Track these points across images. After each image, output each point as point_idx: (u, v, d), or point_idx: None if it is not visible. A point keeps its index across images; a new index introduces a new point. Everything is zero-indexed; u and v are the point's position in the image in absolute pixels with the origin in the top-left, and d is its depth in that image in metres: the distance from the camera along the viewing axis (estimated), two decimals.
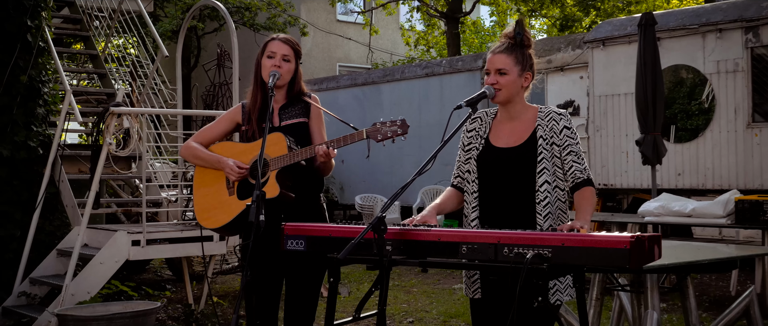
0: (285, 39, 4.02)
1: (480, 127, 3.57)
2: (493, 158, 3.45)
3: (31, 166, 7.49)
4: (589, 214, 3.29)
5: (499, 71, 3.43)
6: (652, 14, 8.79)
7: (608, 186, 11.31)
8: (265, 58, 3.98)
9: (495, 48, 3.49)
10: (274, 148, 3.82)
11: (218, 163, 3.95)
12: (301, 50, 4.08)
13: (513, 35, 3.47)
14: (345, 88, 16.97)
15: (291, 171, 3.82)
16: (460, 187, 3.59)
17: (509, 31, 3.51)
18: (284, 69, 3.96)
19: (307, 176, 3.90)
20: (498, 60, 3.43)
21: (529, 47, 3.50)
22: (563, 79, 12.22)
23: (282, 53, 3.96)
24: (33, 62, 7.49)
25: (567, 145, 3.41)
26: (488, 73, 3.46)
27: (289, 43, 4.01)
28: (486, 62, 3.51)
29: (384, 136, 3.62)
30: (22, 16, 7.41)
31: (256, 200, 3.30)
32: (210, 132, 4.14)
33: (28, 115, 7.49)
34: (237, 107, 4.14)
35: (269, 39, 4.04)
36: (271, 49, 3.98)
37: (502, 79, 3.42)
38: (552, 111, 3.48)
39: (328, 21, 23.98)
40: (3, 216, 7.32)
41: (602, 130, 11.30)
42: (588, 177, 3.40)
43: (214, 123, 4.18)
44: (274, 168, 3.79)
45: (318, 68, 23.43)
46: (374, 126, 3.65)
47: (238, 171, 3.87)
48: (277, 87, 3.99)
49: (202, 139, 4.10)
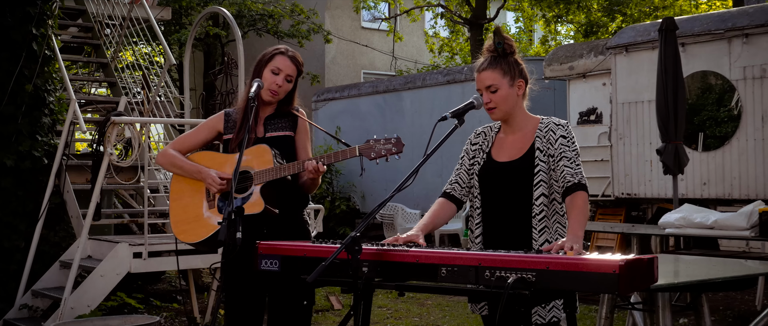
0: (293, 56, 3.84)
1: (483, 141, 3.43)
2: (493, 173, 3.32)
3: (36, 176, 7.39)
4: (579, 229, 3.08)
5: (489, 88, 3.26)
6: (672, 19, 8.51)
7: (632, 196, 11.00)
8: (268, 71, 3.79)
9: (479, 65, 3.33)
10: (259, 160, 3.64)
11: (198, 173, 3.76)
12: (302, 69, 3.91)
13: (493, 47, 3.28)
14: (366, 96, 16.81)
15: (276, 186, 3.63)
16: (452, 196, 3.40)
17: (489, 44, 3.33)
18: (285, 88, 3.81)
19: (292, 191, 3.71)
20: (485, 77, 3.26)
21: (513, 53, 3.31)
22: (585, 85, 11.93)
23: (287, 73, 3.80)
24: (38, 71, 7.39)
25: (561, 153, 3.22)
26: (480, 93, 3.28)
27: (296, 61, 3.84)
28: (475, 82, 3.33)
29: (377, 154, 3.43)
30: (28, 25, 7.32)
31: (227, 217, 3.11)
32: (189, 139, 3.94)
33: (34, 124, 7.39)
34: (219, 115, 3.95)
35: (277, 52, 3.84)
36: (277, 65, 3.79)
37: (495, 97, 3.26)
38: (551, 122, 3.32)
39: (352, 28, 23.85)
40: (7, 227, 7.22)
41: (625, 138, 11.00)
42: (580, 181, 3.19)
43: (194, 130, 3.99)
44: (259, 182, 3.60)
45: (342, 75, 23.30)
46: (368, 143, 3.47)
47: (220, 183, 3.69)
48: (267, 103, 3.83)
49: (180, 147, 3.92)
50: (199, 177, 3.74)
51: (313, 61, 22.75)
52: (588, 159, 11.64)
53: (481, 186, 3.33)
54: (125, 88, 9.32)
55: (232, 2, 20.55)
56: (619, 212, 11.47)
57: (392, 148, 3.42)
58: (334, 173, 16.98)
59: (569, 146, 3.24)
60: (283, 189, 3.67)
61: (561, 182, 3.19)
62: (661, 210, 10.51)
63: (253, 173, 3.62)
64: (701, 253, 8.26)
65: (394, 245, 2.93)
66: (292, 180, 3.66)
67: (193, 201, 3.77)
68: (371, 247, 2.87)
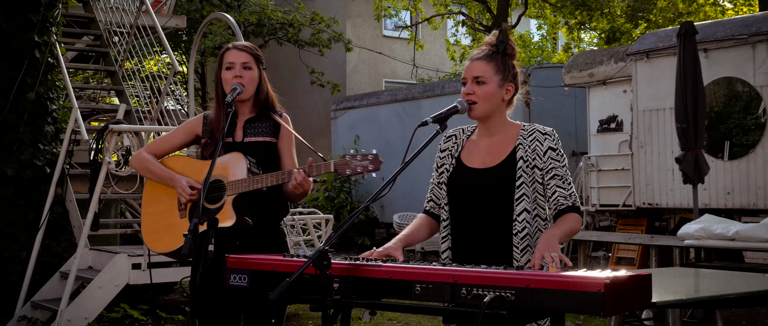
0: (242, 46, 3.64)
1: (453, 145, 3.15)
2: (465, 181, 3.03)
3: (38, 186, 7.28)
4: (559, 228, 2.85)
5: (476, 79, 3.00)
6: (691, 24, 8.24)
7: (653, 206, 10.71)
8: (224, 71, 3.61)
9: (474, 55, 3.08)
10: (233, 169, 3.44)
11: (171, 180, 3.57)
12: (261, 55, 3.70)
13: (495, 43, 3.05)
14: (385, 104, 16.64)
15: (250, 197, 3.44)
16: (432, 213, 3.18)
17: (491, 38, 3.09)
18: (246, 78, 3.58)
19: (268, 201, 3.51)
20: (476, 67, 3.02)
21: (513, 57, 3.08)
22: (605, 93, 11.66)
23: (241, 62, 3.58)
24: (41, 79, 7.28)
25: (551, 168, 2.97)
26: (464, 83, 3.05)
27: (246, 49, 3.63)
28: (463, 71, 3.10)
29: (353, 170, 3.21)
30: (30, 32, 7.22)
31: (193, 229, 2.92)
32: (165, 143, 3.75)
33: (36, 132, 7.28)
34: (198, 118, 3.76)
35: (224, 49, 3.67)
36: (228, 60, 3.60)
37: (480, 90, 2.99)
38: (536, 129, 3.04)
39: (373, 37, 23.71)
40: (7, 237, 7.11)
41: (646, 146, 10.72)
42: (574, 204, 2.95)
43: (170, 133, 3.80)
44: (231, 193, 3.40)
45: (363, 84, 23.16)
46: (344, 159, 3.24)
47: (190, 193, 3.49)
48: (240, 100, 3.63)
49: (155, 150, 3.73)
50: (171, 184, 3.56)
51: (334, 70, 22.63)
52: (608, 168, 11.39)
53: (449, 196, 3.05)
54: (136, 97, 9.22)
55: (253, 11, 20.50)
56: (641, 222, 11.17)
57: (368, 165, 3.21)
58: (353, 182, 16.81)
59: (559, 160, 2.99)
60: (259, 200, 3.46)
61: (553, 205, 2.95)
62: (684, 220, 10.20)
63: (226, 183, 3.43)
64: (724, 266, 7.95)
65: (366, 260, 2.72)
66: (268, 190, 3.45)
67: (166, 208, 3.59)
68: (342, 262, 2.66)
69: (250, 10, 20.54)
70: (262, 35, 21.73)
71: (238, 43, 3.68)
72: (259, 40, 22.29)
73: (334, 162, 3.27)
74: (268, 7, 20.37)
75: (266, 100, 3.68)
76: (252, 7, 20.60)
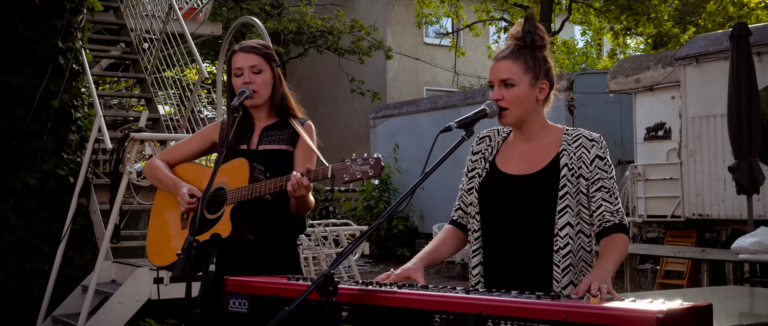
0: (249, 47, 3.31)
1: (487, 148, 2.80)
2: (500, 187, 2.68)
3: (61, 196, 7.06)
4: (610, 262, 2.47)
5: (504, 83, 2.65)
6: (745, 25, 7.79)
7: (704, 217, 10.21)
8: (233, 78, 3.30)
9: (498, 53, 2.71)
10: (235, 176, 3.12)
11: (174, 188, 3.29)
12: (273, 53, 3.36)
13: (521, 35, 2.69)
14: (425, 112, 16.31)
15: (253, 208, 3.11)
16: (461, 224, 2.84)
17: (516, 30, 2.72)
18: (258, 82, 3.27)
19: (277, 213, 3.19)
20: (502, 68, 2.66)
21: (544, 48, 2.71)
22: (653, 99, 11.19)
23: (250, 65, 3.27)
24: (65, 86, 7.08)
25: (597, 179, 2.61)
26: (491, 86, 2.70)
27: (254, 50, 3.31)
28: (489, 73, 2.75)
29: (352, 176, 2.85)
30: (54, 38, 7.01)
31: (187, 247, 2.61)
32: (180, 150, 3.47)
33: (60, 141, 7.07)
34: (216, 124, 3.47)
35: (230, 53, 3.35)
36: (235, 66, 3.29)
37: (510, 94, 2.64)
38: (582, 135, 2.68)
39: (414, 44, 23.40)
40: (30, 249, 6.89)
41: (696, 154, 10.23)
42: (620, 221, 2.59)
43: (186, 140, 3.51)
44: (231, 202, 3.09)
45: (404, 92, 22.85)
46: (343, 163, 2.89)
47: (189, 201, 3.19)
48: (254, 106, 3.32)
49: (169, 158, 3.45)
50: (175, 192, 3.27)
51: (374, 78, 22.38)
52: (656, 177, 10.93)
53: (481, 204, 2.70)
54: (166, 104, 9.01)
55: (292, 19, 20.34)
56: (691, 234, 10.69)
57: (368, 171, 2.83)
58: (393, 192, 16.50)
59: (607, 171, 2.63)
60: (266, 212, 3.14)
61: (598, 220, 2.60)
62: (737, 232, 9.72)
63: (228, 192, 3.12)
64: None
65: (380, 284, 2.39)
66: (277, 203, 3.12)
67: (169, 219, 3.30)
68: (351, 287, 2.33)
69: (289, 18, 20.40)
70: (301, 43, 21.57)
71: (245, 43, 3.35)
72: (298, 48, 22.15)
73: (332, 166, 2.93)
74: (307, 15, 20.18)
75: (282, 103, 3.36)
76: (291, 15, 20.46)
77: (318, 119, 24.55)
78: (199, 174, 3.31)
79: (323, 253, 7.98)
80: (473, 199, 2.74)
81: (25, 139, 6.92)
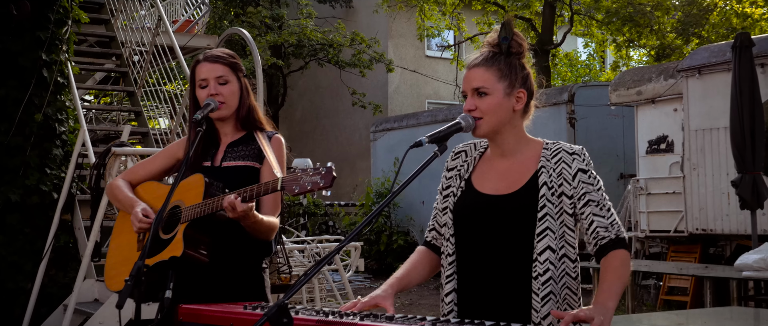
0: (214, 57, 3.11)
1: (462, 165, 2.60)
2: (475, 208, 2.48)
3: (45, 212, 6.88)
4: (611, 298, 2.26)
5: (477, 91, 2.46)
6: (748, 35, 7.59)
7: (707, 232, 9.99)
8: (198, 90, 3.11)
9: (471, 61, 2.52)
10: (191, 194, 2.91)
11: (130, 207, 3.08)
12: (239, 62, 3.16)
13: (497, 42, 2.50)
14: (425, 125, 16.12)
15: (207, 226, 2.89)
16: (435, 246, 2.63)
17: (492, 37, 2.53)
18: (225, 93, 3.07)
19: (238, 235, 2.96)
20: (474, 76, 2.47)
21: (521, 55, 2.52)
22: (655, 111, 10.98)
23: (215, 76, 3.07)
24: (49, 99, 6.91)
25: (583, 194, 2.41)
26: (464, 95, 2.51)
27: (219, 59, 3.11)
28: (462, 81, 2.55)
29: (302, 188, 2.62)
30: (38, 50, 6.85)
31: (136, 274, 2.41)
32: (142, 169, 3.27)
33: (43, 156, 6.90)
34: (181, 140, 3.27)
35: (194, 63, 3.16)
36: (200, 76, 3.09)
37: (483, 103, 2.44)
38: (562, 148, 2.48)
39: (416, 57, 23.25)
40: (12, 267, 6.72)
41: (699, 168, 10.02)
42: (617, 236, 2.38)
43: (149, 159, 3.32)
44: (185, 220, 2.88)
45: (406, 105, 22.68)
46: (293, 174, 2.67)
47: (140, 220, 2.98)
48: (220, 119, 3.13)
49: (131, 177, 3.25)
50: (130, 212, 3.07)
51: (376, 91, 22.23)
52: (658, 191, 10.71)
53: (455, 226, 2.50)
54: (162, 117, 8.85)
55: (292, 32, 20.22)
56: (694, 249, 10.45)
57: (319, 181, 2.58)
58: (392, 206, 16.29)
59: (592, 184, 2.42)
60: (222, 232, 2.93)
61: (592, 238, 2.40)
62: (741, 247, 9.50)
63: (183, 210, 2.92)
64: None
65: (342, 314, 2.18)
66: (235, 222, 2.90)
67: (128, 241, 3.09)
68: (310, 317, 2.13)
69: (289, 30, 20.27)
70: (302, 56, 21.44)
71: (210, 52, 3.15)
72: (299, 61, 22.01)
73: (282, 178, 2.70)
74: (308, 28, 20.06)
75: (249, 115, 3.16)
76: (291, 28, 20.34)
77: (319, 132, 24.45)
78: (159, 192, 3.11)
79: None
80: (447, 220, 2.54)
81: (8, 153, 6.76)
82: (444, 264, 2.53)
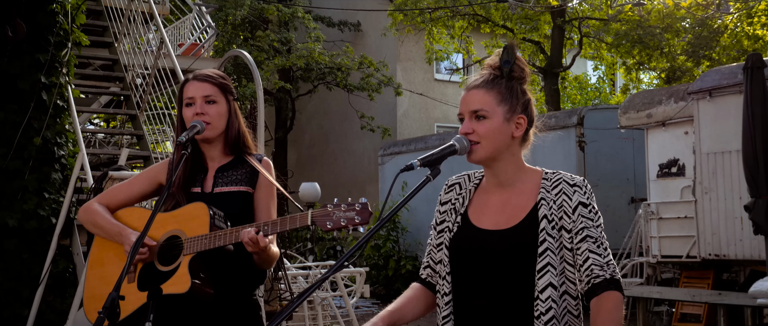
0: (203, 76, 3.00)
1: (457, 198, 2.46)
2: (472, 245, 2.33)
3: (43, 237, 6.77)
4: None
5: (475, 114, 2.33)
6: (759, 56, 7.45)
7: (720, 257, 9.79)
8: (184, 109, 2.99)
9: (470, 82, 2.39)
10: (193, 224, 2.79)
11: (119, 235, 2.93)
12: (229, 84, 3.05)
13: (498, 65, 2.36)
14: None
15: (212, 258, 2.79)
16: (430, 284, 2.49)
17: (493, 59, 2.40)
18: (212, 113, 2.95)
19: (237, 263, 2.85)
20: (473, 98, 2.34)
21: (523, 81, 2.38)
22: (665, 134, 10.82)
23: (202, 95, 2.95)
24: (48, 122, 6.82)
25: (582, 229, 2.26)
26: (461, 118, 2.37)
27: (209, 79, 2.99)
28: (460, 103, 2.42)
29: (335, 224, 2.53)
30: (37, 73, 6.77)
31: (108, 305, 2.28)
32: (121, 193, 3.10)
33: (42, 180, 6.80)
34: (162, 163, 3.14)
35: (182, 82, 3.04)
36: (187, 96, 2.98)
37: (481, 127, 2.31)
38: (563, 179, 2.34)
39: (424, 81, 23.16)
40: (9, 293, 6.59)
41: (711, 192, 9.83)
42: (611, 276, 2.23)
43: (128, 182, 3.15)
44: (189, 251, 2.76)
45: (415, 129, 22.57)
46: (325, 209, 2.58)
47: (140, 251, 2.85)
48: (206, 141, 3.01)
49: (109, 201, 3.08)
50: (120, 240, 2.93)
51: (384, 115, 22.14)
52: (670, 216, 10.53)
53: (451, 263, 2.36)
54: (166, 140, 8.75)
55: (300, 55, 20.19)
56: (707, 275, 10.25)
57: (355, 217, 2.51)
58: (400, 231, 16.14)
59: (592, 219, 2.28)
60: (225, 262, 2.82)
61: (585, 276, 2.25)
62: (756, 273, 9.30)
63: (184, 240, 2.79)
64: None
65: None
66: (237, 252, 2.79)
67: (113, 270, 2.95)
68: None
69: (297, 54, 20.24)
70: (310, 80, 21.39)
71: (199, 72, 3.04)
72: (307, 84, 21.96)
73: (312, 212, 2.60)
74: (315, 51, 20.02)
75: (237, 139, 3.04)
76: (300, 52, 20.31)
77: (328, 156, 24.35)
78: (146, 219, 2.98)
79: (319, 297, 7.62)
80: (443, 257, 2.39)
81: (6, 177, 6.66)
82: (440, 304, 2.39)
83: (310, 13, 21.21)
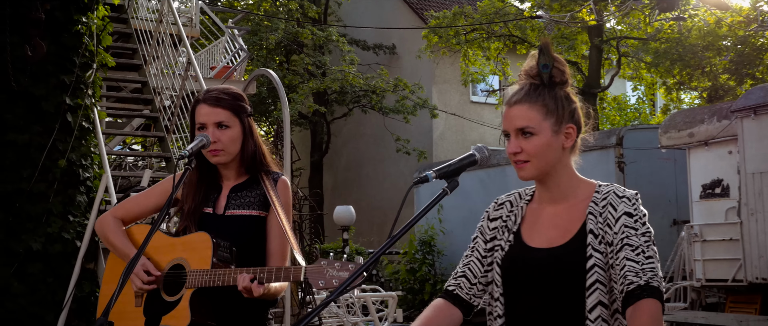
0: (213, 99, 2.81)
1: (509, 216, 2.28)
2: (523, 264, 2.18)
3: (68, 261, 6.65)
4: None
5: (522, 132, 2.15)
6: None
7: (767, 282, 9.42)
8: (196, 131, 2.83)
9: (511, 96, 2.20)
10: (196, 255, 2.68)
11: (126, 257, 2.82)
12: (244, 102, 2.87)
13: (536, 71, 2.16)
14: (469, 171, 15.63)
15: (215, 292, 2.67)
16: (456, 297, 2.28)
17: (529, 65, 2.20)
18: (224, 140, 2.78)
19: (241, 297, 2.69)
20: (517, 114, 2.16)
21: (565, 84, 2.19)
22: (708, 154, 10.50)
23: (214, 121, 2.78)
24: (74, 144, 6.72)
25: (622, 239, 2.06)
26: (506, 135, 2.18)
27: (219, 103, 2.80)
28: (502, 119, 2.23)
29: (327, 283, 2.44)
30: (62, 94, 6.68)
31: None
32: (137, 206, 2.97)
33: (67, 203, 6.70)
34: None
35: (194, 102, 2.88)
36: (199, 120, 2.82)
37: (529, 144, 2.14)
38: (613, 191, 2.15)
39: (461, 103, 22.96)
40: (33, 318, 6.46)
41: (758, 213, 9.49)
42: (648, 283, 2.02)
43: (145, 194, 3.02)
44: (190, 286, 2.64)
45: (451, 151, 22.35)
46: (318, 265, 2.46)
47: (147, 279, 2.72)
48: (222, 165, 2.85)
49: (125, 213, 2.96)
50: (127, 261, 2.77)
51: (420, 137, 21.96)
52: (714, 238, 10.19)
53: (504, 284, 2.20)
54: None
55: (334, 78, 20.12)
56: (755, 300, 9.89)
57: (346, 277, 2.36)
58: (436, 254, 15.89)
59: (635, 228, 2.08)
60: (227, 297, 2.69)
61: (620, 284, 2.05)
62: None
63: (187, 273, 2.67)
64: None
65: None
66: None
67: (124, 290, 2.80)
68: None
69: (332, 77, 20.17)
70: (345, 103, 21.31)
71: (210, 92, 2.85)
72: (343, 107, 21.88)
73: (305, 268, 2.49)
74: (350, 74, 19.94)
75: (253, 158, 2.86)
76: (334, 75, 20.24)
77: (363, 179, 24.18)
78: (157, 242, 2.80)
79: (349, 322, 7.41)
80: (495, 277, 2.22)
81: (30, 200, 6.56)
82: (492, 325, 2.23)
83: (344, 37, 21.16)
